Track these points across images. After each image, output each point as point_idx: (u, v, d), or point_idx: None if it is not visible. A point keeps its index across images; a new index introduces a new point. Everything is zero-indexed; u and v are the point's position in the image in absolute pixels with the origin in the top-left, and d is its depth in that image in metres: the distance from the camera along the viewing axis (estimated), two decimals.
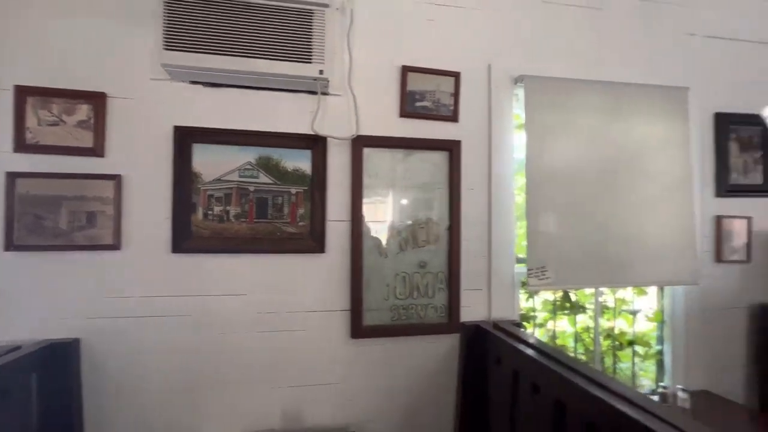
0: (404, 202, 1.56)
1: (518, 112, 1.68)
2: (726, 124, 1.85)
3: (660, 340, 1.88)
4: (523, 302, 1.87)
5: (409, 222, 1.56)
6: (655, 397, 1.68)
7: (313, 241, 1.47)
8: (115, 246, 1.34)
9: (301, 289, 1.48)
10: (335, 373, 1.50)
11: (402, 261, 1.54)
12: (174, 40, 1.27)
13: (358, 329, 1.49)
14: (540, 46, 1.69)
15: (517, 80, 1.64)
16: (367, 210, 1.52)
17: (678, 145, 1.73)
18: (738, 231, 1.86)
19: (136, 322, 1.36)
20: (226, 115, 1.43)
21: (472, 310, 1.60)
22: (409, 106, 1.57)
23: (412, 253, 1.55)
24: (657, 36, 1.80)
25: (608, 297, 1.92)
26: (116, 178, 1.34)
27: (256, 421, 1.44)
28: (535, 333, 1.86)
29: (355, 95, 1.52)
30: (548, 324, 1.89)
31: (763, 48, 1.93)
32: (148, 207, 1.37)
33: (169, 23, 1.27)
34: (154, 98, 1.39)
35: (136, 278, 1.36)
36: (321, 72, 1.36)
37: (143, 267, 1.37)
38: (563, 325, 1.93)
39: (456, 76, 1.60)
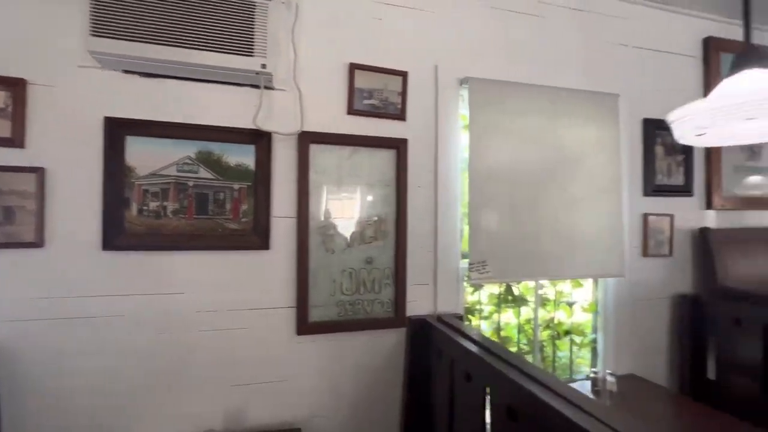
0: (351, 199, 1.57)
1: (464, 112, 1.74)
2: (652, 130, 2.01)
3: (594, 329, 2.01)
4: (471, 296, 1.95)
5: (357, 218, 1.57)
6: (588, 382, 1.80)
7: (257, 238, 1.45)
8: (37, 243, 1.25)
9: (244, 287, 1.45)
10: (280, 371, 1.49)
11: (349, 257, 1.56)
12: (102, 26, 1.20)
13: (304, 326, 1.49)
14: (484, 50, 1.76)
15: (463, 82, 1.70)
16: (314, 206, 1.52)
17: (609, 148, 1.86)
18: (662, 228, 2.03)
19: (62, 324, 1.29)
20: (163, 107, 1.37)
21: (418, 305, 1.64)
22: (357, 103, 1.58)
23: (359, 249, 1.57)
24: (591, 45, 1.93)
25: (549, 290, 2.03)
26: (38, 171, 1.26)
27: (196, 423, 1.40)
28: (481, 325, 1.93)
29: (301, 91, 1.51)
30: (494, 316, 1.97)
31: (685, 59, 2.12)
32: (76, 202, 1.30)
33: (97, 7, 1.20)
34: (82, 87, 1.31)
35: (61, 277, 1.28)
36: (263, 66, 1.34)
37: (70, 265, 1.29)
38: (508, 317, 2.03)
39: (403, 75, 1.63)
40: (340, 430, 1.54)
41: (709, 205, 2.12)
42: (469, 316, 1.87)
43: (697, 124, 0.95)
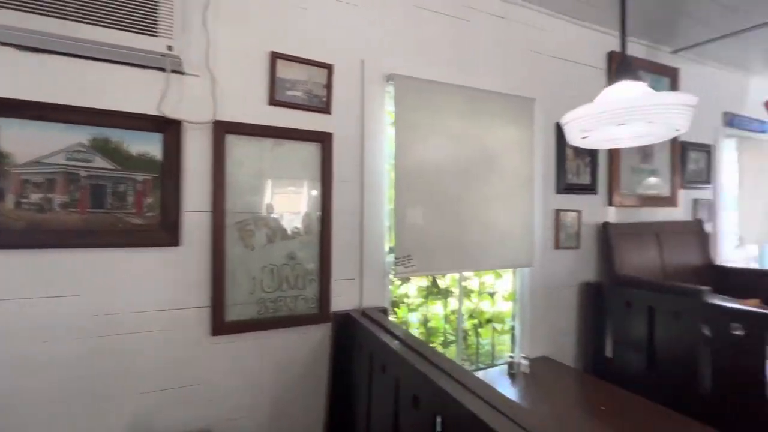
0: (273, 192, 1.52)
1: (391, 109, 1.76)
2: (564, 133, 2.20)
3: (513, 316, 2.16)
4: (400, 289, 1.99)
5: (279, 213, 1.52)
6: (505, 366, 1.94)
7: (166, 233, 1.34)
8: None
9: (150, 287, 1.34)
10: (194, 374, 1.41)
11: (271, 253, 1.51)
12: None
13: (220, 325, 1.42)
14: (410, 48, 1.80)
15: (389, 78, 1.72)
16: (232, 200, 1.44)
17: (525, 149, 2.01)
18: (571, 222, 2.24)
19: None
20: (48, 87, 1.21)
21: (343, 300, 1.64)
22: (279, 94, 1.53)
23: (281, 244, 1.53)
24: (511, 51, 2.05)
25: (474, 281, 2.15)
26: None
27: None
28: (409, 317, 1.99)
29: (216, 78, 1.42)
30: (421, 308, 2.04)
31: (592, 70, 2.34)
32: None
33: None
34: None
35: None
36: (170, 48, 1.24)
37: None
38: (437, 308, 2.10)
39: (329, 68, 1.60)
40: (258, 431, 1.49)
41: (610, 202, 2.38)
42: (396, 309, 1.91)
43: (582, 127, 1.05)
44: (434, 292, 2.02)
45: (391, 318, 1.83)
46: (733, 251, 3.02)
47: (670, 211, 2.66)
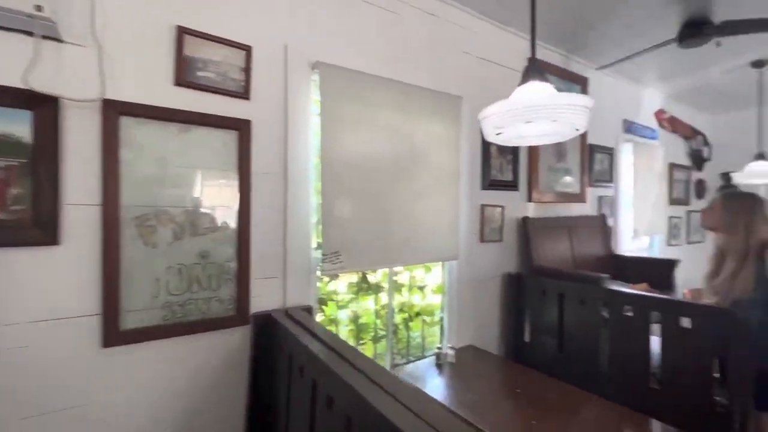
0: (181, 184, 1.36)
1: (318, 98, 1.68)
2: (489, 142, 2.31)
3: (442, 308, 2.23)
4: (331, 285, 1.93)
5: (188, 207, 1.37)
6: (433, 357, 1.98)
7: (39, 231, 1.13)
8: None
9: (20, 294, 1.12)
10: (83, 393, 1.21)
11: (178, 251, 1.35)
12: None
13: (114, 335, 1.24)
14: (338, 37, 1.73)
15: (314, 66, 1.64)
16: (128, 192, 1.27)
17: (452, 145, 2.06)
18: (495, 217, 2.36)
19: None
20: None
21: (265, 300, 1.54)
22: (188, 74, 1.37)
23: (191, 242, 1.38)
24: (440, 49, 2.09)
25: (405, 276, 2.16)
26: None
27: None
28: (338, 314, 1.94)
29: (106, 50, 1.23)
30: (352, 304, 2.00)
31: (515, 74, 2.47)
32: None
33: None
34: None
35: None
36: (39, 8, 1.04)
37: None
38: (369, 304, 2.08)
39: (247, 50, 1.48)
40: None
41: (530, 198, 2.56)
42: (324, 307, 1.85)
43: (495, 124, 1.08)
44: (364, 287, 2.00)
45: (319, 317, 1.77)
46: (630, 242, 3.45)
47: (580, 207, 2.94)
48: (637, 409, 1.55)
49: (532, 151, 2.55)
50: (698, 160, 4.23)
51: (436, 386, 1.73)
